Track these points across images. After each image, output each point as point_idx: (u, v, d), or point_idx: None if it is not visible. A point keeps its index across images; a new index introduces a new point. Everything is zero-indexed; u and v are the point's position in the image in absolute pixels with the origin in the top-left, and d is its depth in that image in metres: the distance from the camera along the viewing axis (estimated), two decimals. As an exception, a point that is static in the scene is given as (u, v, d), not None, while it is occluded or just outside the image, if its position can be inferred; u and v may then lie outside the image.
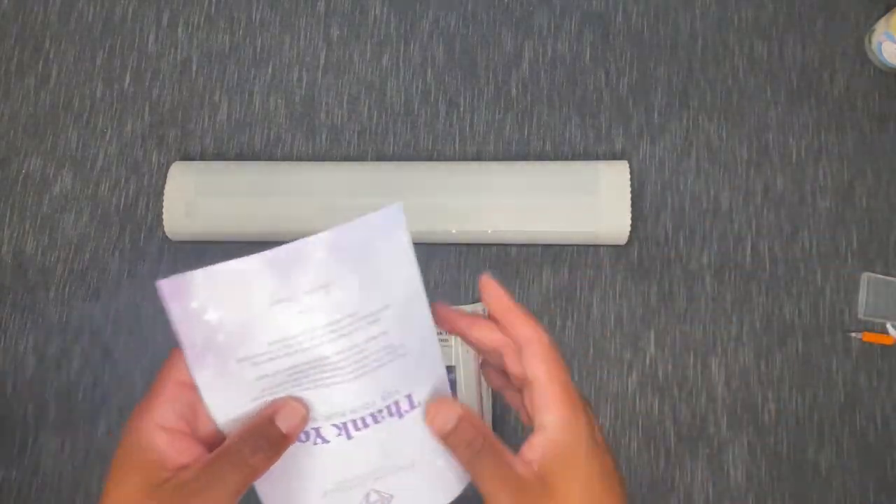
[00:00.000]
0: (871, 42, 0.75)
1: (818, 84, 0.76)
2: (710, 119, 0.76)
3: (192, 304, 0.31)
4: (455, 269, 0.74)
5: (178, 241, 0.75)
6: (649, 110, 0.76)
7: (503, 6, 0.79)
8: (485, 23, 0.79)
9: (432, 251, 0.74)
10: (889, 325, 0.71)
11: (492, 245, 0.74)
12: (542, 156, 0.76)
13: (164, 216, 0.72)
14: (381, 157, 0.77)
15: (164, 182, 0.73)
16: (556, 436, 0.34)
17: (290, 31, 0.80)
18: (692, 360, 0.72)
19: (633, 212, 0.71)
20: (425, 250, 0.73)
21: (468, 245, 0.74)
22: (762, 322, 0.72)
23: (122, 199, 0.77)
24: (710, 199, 0.75)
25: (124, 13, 0.81)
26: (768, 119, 0.76)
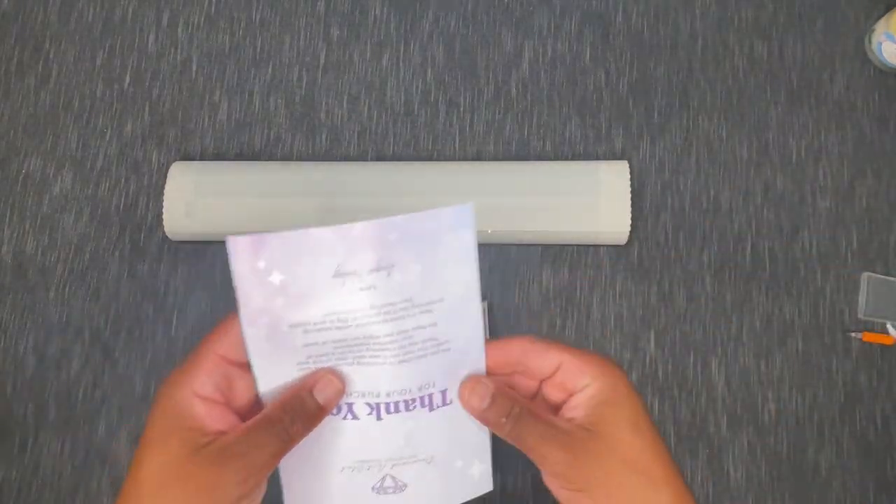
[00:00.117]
0: (871, 42, 0.75)
1: (818, 84, 0.76)
2: (710, 119, 0.76)
3: (258, 263, 0.33)
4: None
5: (178, 241, 0.75)
6: (649, 110, 0.76)
7: (503, 6, 0.79)
8: (485, 23, 0.79)
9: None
10: (889, 325, 0.71)
11: (492, 245, 0.74)
12: (541, 156, 0.76)
13: (164, 216, 0.72)
14: (381, 157, 0.77)
15: (164, 182, 0.73)
16: (596, 387, 0.35)
17: (290, 31, 0.80)
18: (692, 360, 0.72)
19: (633, 212, 0.71)
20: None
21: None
22: (762, 322, 0.72)
23: (122, 199, 0.77)
24: (710, 199, 0.75)
25: (124, 13, 0.81)
26: (768, 119, 0.76)
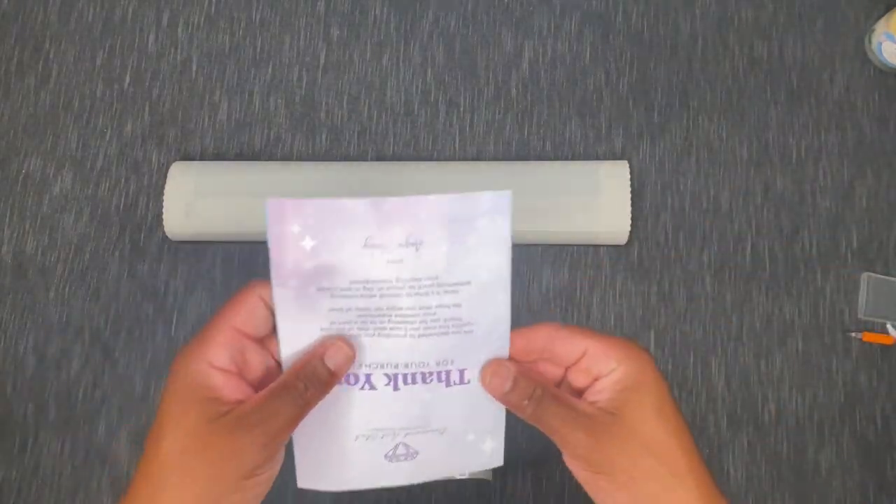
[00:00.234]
0: (871, 42, 0.75)
1: (818, 84, 0.76)
2: (710, 119, 0.76)
3: (293, 227, 0.34)
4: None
5: (178, 241, 0.75)
6: (649, 110, 0.76)
7: (503, 6, 0.79)
8: (485, 23, 0.79)
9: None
10: (889, 325, 0.71)
11: (492, 245, 0.74)
12: (542, 156, 0.76)
13: (164, 216, 0.72)
14: (381, 157, 0.77)
15: (164, 182, 0.73)
16: (622, 371, 0.35)
17: (290, 31, 0.80)
18: (692, 359, 0.72)
19: (633, 212, 0.71)
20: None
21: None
22: (762, 322, 0.72)
23: (122, 199, 0.77)
24: (710, 199, 0.75)
25: (124, 13, 0.81)
26: (768, 119, 0.76)
